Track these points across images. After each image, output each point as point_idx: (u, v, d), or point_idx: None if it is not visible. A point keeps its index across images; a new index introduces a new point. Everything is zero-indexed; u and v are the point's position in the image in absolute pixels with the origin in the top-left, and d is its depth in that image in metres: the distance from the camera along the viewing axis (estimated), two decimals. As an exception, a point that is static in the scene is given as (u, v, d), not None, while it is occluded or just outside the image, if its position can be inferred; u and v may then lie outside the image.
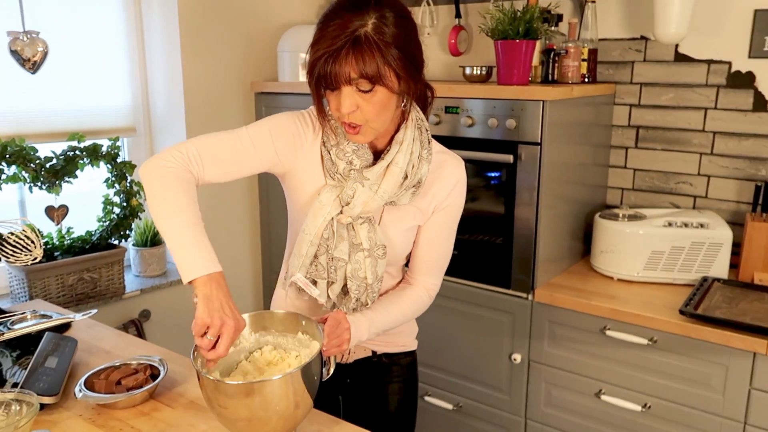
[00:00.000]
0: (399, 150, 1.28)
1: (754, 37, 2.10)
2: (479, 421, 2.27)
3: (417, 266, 1.44)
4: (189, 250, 1.16)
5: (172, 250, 1.17)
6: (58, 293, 2.19)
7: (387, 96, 1.19)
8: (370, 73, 1.14)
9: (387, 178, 1.28)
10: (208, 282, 1.13)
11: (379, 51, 1.14)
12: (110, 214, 2.35)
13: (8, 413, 1.19)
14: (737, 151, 2.19)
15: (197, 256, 1.15)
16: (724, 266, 2.02)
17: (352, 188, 1.28)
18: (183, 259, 1.15)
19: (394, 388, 1.52)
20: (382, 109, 1.20)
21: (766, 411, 1.73)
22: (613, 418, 1.98)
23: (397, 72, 1.16)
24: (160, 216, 1.19)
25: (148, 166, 1.23)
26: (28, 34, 1.97)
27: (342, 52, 1.13)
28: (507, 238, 2.10)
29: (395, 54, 1.15)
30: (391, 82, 1.17)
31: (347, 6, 1.16)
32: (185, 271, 1.14)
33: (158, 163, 1.22)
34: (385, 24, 1.15)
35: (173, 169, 1.22)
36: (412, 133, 1.29)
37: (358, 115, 1.19)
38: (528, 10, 2.05)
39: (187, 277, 1.14)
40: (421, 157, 1.30)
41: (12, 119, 2.21)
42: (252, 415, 1.10)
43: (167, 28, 2.47)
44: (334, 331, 1.27)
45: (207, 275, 1.14)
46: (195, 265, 1.14)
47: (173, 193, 1.19)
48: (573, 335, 2.01)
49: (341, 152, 1.28)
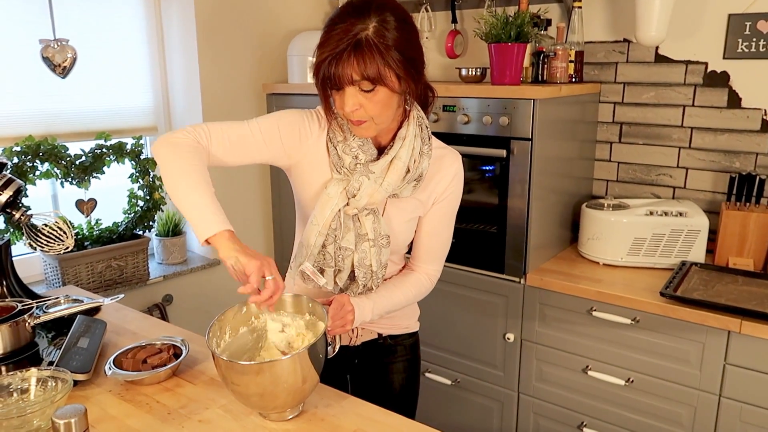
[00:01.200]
0: (402, 146, 1.27)
1: (728, 39, 2.08)
2: (475, 395, 2.28)
3: (419, 254, 1.44)
4: (204, 209, 1.13)
5: (186, 211, 1.14)
6: (88, 279, 2.20)
7: (388, 95, 1.18)
8: (371, 74, 1.13)
9: (391, 171, 1.27)
10: (231, 236, 1.12)
11: (379, 54, 1.13)
12: (135, 206, 2.35)
13: (45, 389, 1.21)
14: (713, 145, 2.19)
15: (213, 214, 1.13)
16: (701, 251, 2.02)
17: (359, 181, 1.27)
18: (199, 217, 1.13)
19: (398, 367, 1.52)
20: (384, 108, 1.19)
21: (740, 384, 1.73)
22: (599, 391, 1.99)
23: (397, 73, 1.16)
24: (171, 181, 1.17)
25: (159, 141, 1.21)
26: (58, 42, 1.97)
27: (344, 54, 1.13)
28: (501, 227, 2.10)
29: (395, 56, 1.14)
30: (392, 82, 1.16)
31: (351, 11, 1.15)
32: (202, 228, 1.12)
33: (168, 137, 1.21)
34: (386, 28, 1.14)
35: (183, 140, 1.20)
36: (414, 130, 1.28)
37: (361, 112, 1.19)
38: (519, 16, 2.04)
39: (204, 234, 1.11)
40: (422, 152, 1.30)
41: (44, 120, 2.22)
42: (263, 391, 1.11)
43: (185, 34, 2.47)
44: (338, 313, 1.27)
45: (228, 231, 1.12)
46: (213, 221, 1.12)
47: (182, 159, 1.17)
48: (562, 316, 2.02)
49: (347, 147, 1.28)
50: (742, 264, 1.98)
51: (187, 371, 1.38)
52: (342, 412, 1.23)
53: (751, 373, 1.71)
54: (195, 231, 1.13)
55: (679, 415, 1.85)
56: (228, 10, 2.53)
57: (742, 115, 2.11)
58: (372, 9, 1.15)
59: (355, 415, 1.22)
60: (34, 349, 1.43)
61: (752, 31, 2.03)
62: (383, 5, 1.16)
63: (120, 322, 1.66)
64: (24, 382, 1.21)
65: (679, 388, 1.83)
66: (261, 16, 2.65)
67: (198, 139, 1.22)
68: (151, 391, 1.30)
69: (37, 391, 1.21)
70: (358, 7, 1.16)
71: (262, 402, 1.14)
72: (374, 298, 1.36)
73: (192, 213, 1.14)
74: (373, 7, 1.15)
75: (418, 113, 1.31)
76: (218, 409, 1.23)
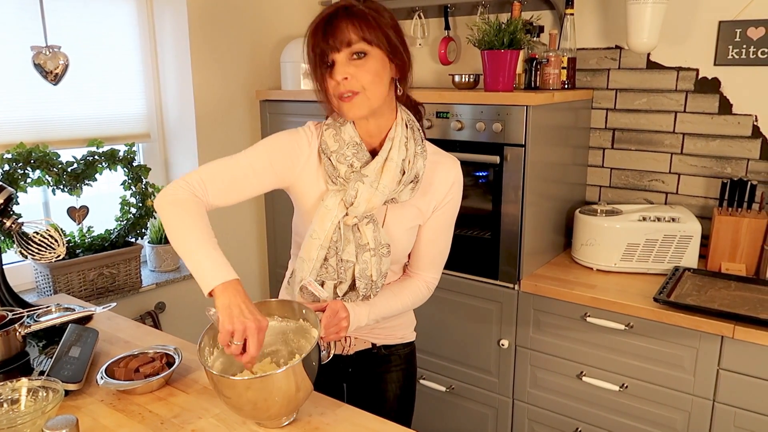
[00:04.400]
0: (392, 146, 1.27)
1: (719, 46, 2.10)
2: (470, 401, 2.27)
3: (417, 261, 1.44)
4: (204, 264, 1.15)
5: (191, 268, 1.17)
6: (80, 287, 2.18)
7: (380, 62, 1.21)
8: (366, 35, 1.18)
9: (385, 173, 1.27)
10: (225, 290, 1.12)
11: (371, 16, 1.19)
12: (127, 213, 2.34)
13: (36, 399, 1.19)
14: (705, 150, 2.20)
15: (212, 267, 1.15)
16: (693, 257, 2.03)
17: (354, 188, 1.27)
18: (199, 274, 1.15)
19: (392, 377, 1.51)
20: (375, 77, 1.21)
21: (733, 389, 1.74)
22: (594, 397, 1.99)
23: (386, 35, 1.20)
24: (175, 238, 1.20)
25: (159, 200, 1.24)
26: (50, 49, 1.96)
27: (336, 18, 1.18)
28: (494, 233, 2.10)
29: (386, 20, 1.21)
30: (383, 45, 1.20)
31: None
32: (203, 283, 1.14)
33: (167, 194, 1.23)
34: (370, 3, 1.22)
35: (181, 196, 1.22)
36: (403, 131, 1.29)
37: (353, 82, 1.21)
38: (512, 23, 2.05)
39: (206, 289, 1.14)
40: (416, 153, 1.30)
41: (36, 127, 2.20)
42: (256, 402, 1.10)
43: (178, 41, 2.46)
44: (331, 320, 1.27)
45: (222, 284, 1.12)
46: (211, 276, 1.14)
47: (184, 216, 1.20)
48: (556, 322, 2.02)
49: (342, 156, 1.27)
50: (735, 269, 1.98)
51: (180, 380, 1.37)
52: (336, 420, 1.22)
53: (744, 378, 1.71)
54: (199, 285, 1.16)
55: (673, 421, 1.85)
56: (221, 16, 2.52)
57: (733, 121, 2.12)
58: None
59: (349, 423, 1.21)
60: (24, 359, 1.41)
61: (742, 38, 2.05)
62: None
63: (112, 330, 1.65)
64: (14, 393, 1.20)
65: (673, 394, 1.84)
66: (254, 23, 2.65)
67: (195, 192, 1.24)
68: (143, 401, 1.29)
69: (28, 401, 1.19)
70: None
71: (255, 412, 1.14)
72: (371, 303, 1.35)
73: (194, 268, 1.16)
74: None
75: (408, 116, 1.32)
76: (212, 419, 1.22)
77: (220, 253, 1.17)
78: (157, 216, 1.27)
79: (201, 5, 2.44)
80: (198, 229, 1.19)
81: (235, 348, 1.10)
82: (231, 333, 1.09)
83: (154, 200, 1.28)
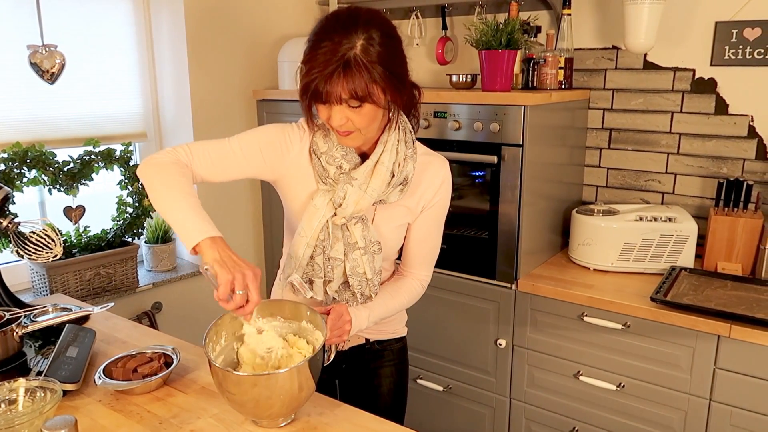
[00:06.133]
0: (384, 150, 1.27)
1: (715, 46, 2.11)
2: (468, 401, 2.28)
3: (409, 260, 1.44)
4: (189, 219, 1.14)
5: (173, 223, 1.15)
6: (77, 287, 2.18)
7: (374, 109, 1.19)
8: (360, 92, 1.14)
9: (375, 177, 1.27)
10: (213, 244, 1.11)
11: (367, 71, 1.13)
12: (124, 213, 2.33)
13: (33, 399, 1.19)
14: (701, 151, 2.21)
15: (198, 223, 1.14)
16: (690, 256, 2.03)
17: (343, 190, 1.27)
18: (184, 227, 1.13)
19: (386, 372, 1.53)
20: (370, 120, 1.21)
21: (729, 388, 1.74)
22: (591, 397, 1.99)
23: (383, 88, 1.17)
24: (158, 196, 1.18)
25: (143, 163, 1.23)
26: (46, 48, 1.95)
27: (334, 75, 1.13)
28: (492, 233, 2.10)
29: (381, 72, 1.15)
30: (378, 98, 1.17)
31: (337, 26, 1.15)
32: (188, 237, 1.12)
33: (151, 158, 1.23)
34: (372, 45, 1.14)
35: (165, 159, 1.22)
36: (396, 135, 1.29)
37: (349, 125, 1.20)
38: (509, 23, 2.05)
39: (190, 243, 1.12)
40: (406, 156, 1.30)
41: (32, 126, 2.19)
42: (259, 399, 1.10)
43: (175, 40, 2.46)
44: (336, 323, 1.27)
45: (210, 238, 1.12)
46: (197, 230, 1.12)
47: (167, 176, 1.19)
48: (553, 321, 2.02)
49: (331, 158, 1.28)
50: (731, 269, 1.99)
51: (178, 380, 1.37)
52: (335, 420, 1.22)
53: (740, 377, 1.72)
54: (182, 241, 1.14)
55: (670, 420, 1.86)
56: (218, 16, 2.52)
57: (729, 122, 2.13)
58: (359, 25, 1.15)
59: (348, 423, 1.21)
60: (21, 359, 1.40)
61: (739, 39, 2.06)
62: (370, 21, 1.16)
63: (109, 330, 1.64)
64: (12, 393, 1.19)
65: (670, 393, 1.84)
66: (251, 23, 2.64)
67: (179, 158, 1.23)
68: (141, 401, 1.29)
69: (26, 401, 1.19)
70: (345, 22, 1.16)
71: (256, 410, 1.14)
72: (370, 306, 1.36)
73: (178, 224, 1.15)
74: (360, 23, 1.15)
75: (402, 118, 1.32)
76: (210, 419, 1.22)
77: (203, 211, 1.16)
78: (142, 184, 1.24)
79: (198, 4, 2.44)
80: (181, 187, 1.18)
81: (240, 298, 1.08)
82: (231, 283, 1.08)
83: (137, 167, 1.26)
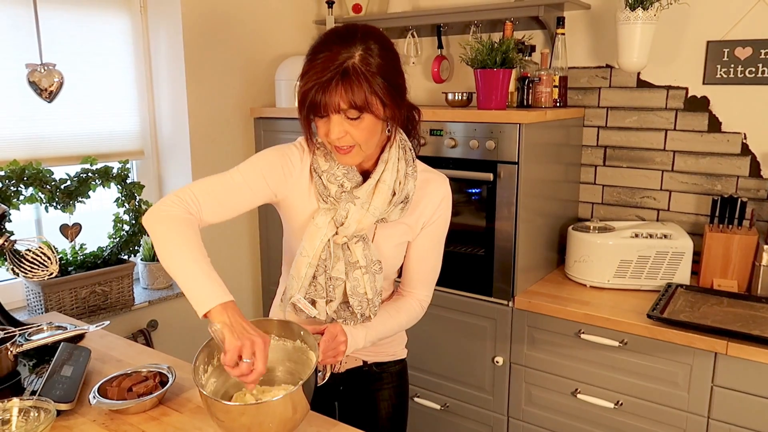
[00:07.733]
0: (385, 168, 1.27)
1: (708, 65, 2.13)
2: (465, 419, 2.26)
3: (409, 280, 1.43)
4: (199, 284, 1.13)
5: (183, 286, 1.13)
6: (72, 305, 2.16)
7: (373, 122, 1.19)
8: (358, 102, 1.14)
9: (377, 195, 1.27)
10: (224, 310, 1.10)
11: (366, 81, 1.13)
12: (120, 231, 2.33)
13: (27, 419, 1.18)
14: (695, 168, 2.22)
15: (209, 288, 1.12)
16: (686, 273, 2.04)
17: (345, 208, 1.26)
18: (194, 293, 1.12)
19: (384, 395, 1.50)
20: (369, 134, 1.20)
21: (728, 406, 1.74)
22: (589, 414, 1.98)
23: (382, 100, 1.16)
24: (167, 256, 1.17)
25: (149, 215, 1.21)
26: (45, 66, 1.96)
27: (332, 83, 1.13)
28: (488, 250, 2.10)
29: (381, 83, 1.15)
30: (377, 109, 1.17)
31: (335, 39, 1.16)
32: (199, 304, 1.11)
33: (159, 209, 1.20)
34: (370, 55, 1.15)
35: (173, 212, 1.20)
36: (397, 153, 1.29)
37: (348, 139, 1.19)
38: (504, 42, 2.08)
39: (201, 310, 1.11)
40: (407, 174, 1.29)
41: (29, 144, 2.19)
42: (251, 426, 1.09)
43: (173, 58, 2.47)
44: (330, 344, 1.26)
45: (221, 304, 1.10)
46: (207, 296, 1.11)
47: (176, 233, 1.17)
48: (550, 339, 2.02)
49: (332, 176, 1.27)
50: (727, 285, 1.99)
51: (173, 399, 1.36)
52: (332, 439, 1.21)
53: (738, 394, 1.71)
54: (192, 306, 1.12)
55: (668, 438, 1.85)
56: (216, 34, 2.54)
57: (722, 139, 2.15)
58: (358, 37, 1.16)
59: (345, 442, 1.20)
60: (15, 378, 1.39)
61: (730, 58, 2.09)
62: (368, 34, 1.18)
63: (105, 349, 1.63)
64: (5, 413, 1.18)
65: (668, 411, 1.83)
66: (248, 41, 2.67)
67: (188, 209, 1.21)
68: (136, 420, 1.27)
69: (19, 421, 1.18)
70: (343, 35, 1.17)
71: (249, 433, 1.12)
72: (368, 325, 1.34)
73: (187, 288, 1.13)
74: (358, 36, 1.16)
75: (401, 136, 1.32)
76: (205, 438, 1.21)
77: (215, 273, 1.15)
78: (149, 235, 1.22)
79: (196, 23, 2.46)
80: (191, 247, 1.16)
81: (246, 366, 1.07)
82: (239, 349, 1.07)
83: (142, 217, 1.23)
